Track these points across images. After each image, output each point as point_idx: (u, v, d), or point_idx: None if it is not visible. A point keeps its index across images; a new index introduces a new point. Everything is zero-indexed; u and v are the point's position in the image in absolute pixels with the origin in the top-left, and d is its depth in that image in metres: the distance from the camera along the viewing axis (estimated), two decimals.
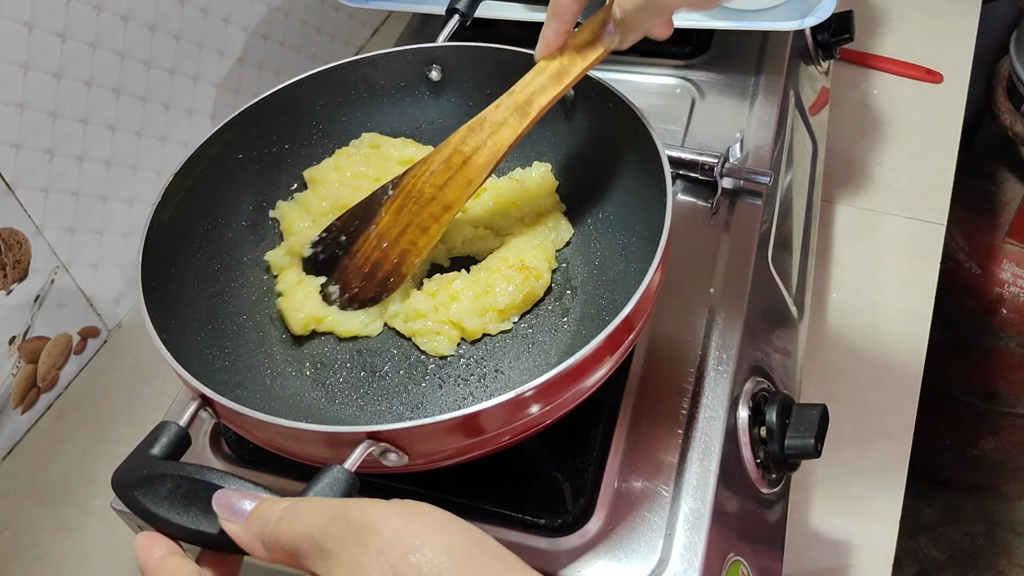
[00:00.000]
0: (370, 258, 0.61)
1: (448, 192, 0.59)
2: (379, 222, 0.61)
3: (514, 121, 0.57)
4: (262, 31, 0.96)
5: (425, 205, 0.60)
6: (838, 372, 0.83)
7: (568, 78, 0.56)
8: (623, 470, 0.56)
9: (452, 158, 0.59)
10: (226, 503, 0.40)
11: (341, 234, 0.62)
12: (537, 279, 0.61)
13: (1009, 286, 1.31)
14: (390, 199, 0.61)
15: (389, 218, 0.61)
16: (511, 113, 0.57)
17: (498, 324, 0.61)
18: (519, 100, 0.57)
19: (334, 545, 0.35)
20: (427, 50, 0.68)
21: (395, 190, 0.61)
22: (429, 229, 0.60)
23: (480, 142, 0.58)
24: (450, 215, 0.60)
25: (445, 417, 0.44)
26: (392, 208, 0.60)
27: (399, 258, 0.61)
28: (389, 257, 0.61)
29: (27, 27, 0.70)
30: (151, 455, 0.45)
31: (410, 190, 0.60)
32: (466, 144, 0.58)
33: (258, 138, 0.66)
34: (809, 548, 0.72)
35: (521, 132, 0.57)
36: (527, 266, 0.61)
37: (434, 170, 0.59)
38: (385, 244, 0.61)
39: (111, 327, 0.87)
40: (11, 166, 0.72)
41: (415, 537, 0.35)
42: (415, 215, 0.60)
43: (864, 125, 1.06)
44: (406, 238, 0.60)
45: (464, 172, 0.58)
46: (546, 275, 0.62)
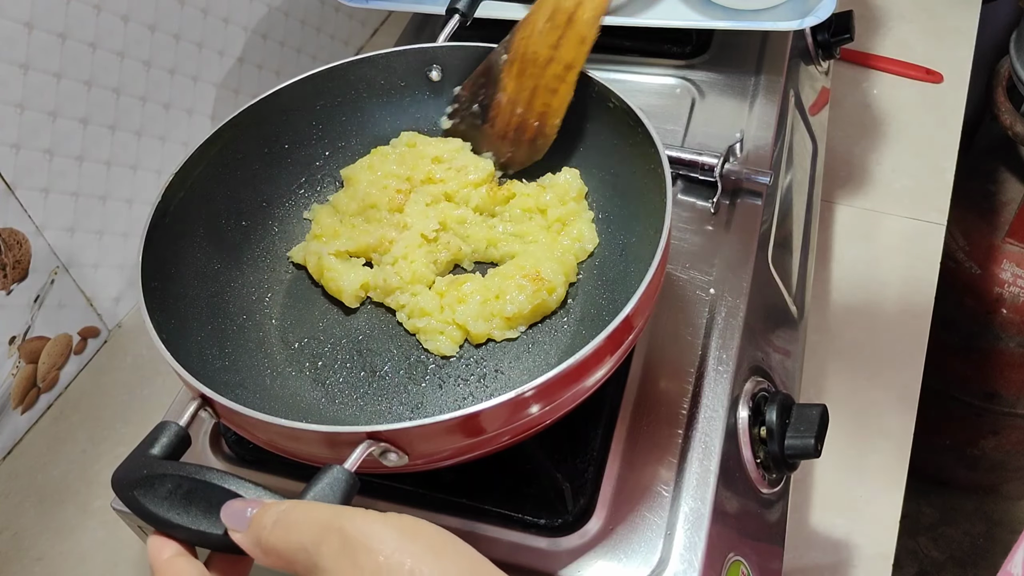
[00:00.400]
0: (511, 124, 0.62)
1: (564, 52, 0.59)
2: (505, 88, 0.61)
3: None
4: (262, 31, 0.96)
5: (545, 66, 0.60)
6: (838, 372, 0.83)
7: None
8: (623, 470, 0.56)
9: (555, 16, 0.59)
10: (231, 513, 0.40)
11: (472, 103, 0.63)
12: (550, 292, 0.60)
13: (1009, 286, 1.31)
14: (507, 64, 0.61)
15: (513, 83, 0.61)
16: None
17: (503, 331, 0.60)
18: None
19: (328, 563, 0.35)
20: (427, 50, 0.68)
21: (508, 54, 0.61)
22: (558, 90, 0.60)
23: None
24: (574, 74, 0.59)
25: (445, 417, 0.44)
26: (512, 73, 0.61)
27: (539, 120, 0.61)
28: (529, 121, 0.62)
29: (27, 27, 0.70)
30: (151, 455, 0.45)
31: (524, 52, 0.60)
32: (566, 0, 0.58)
33: (258, 138, 0.66)
34: (809, 548, 0.72)
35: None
36: (541, 277, 0.59)
37: (540, 29, 0.59)
38: (520, 109, 0.61)
39: (111, 327, 0.87)
40: (11, 166, 0.72)
41: (411, 560, 0.34)
42: (539, 78, 0.60)
43: (864, 125, 1.06)
44: (539, 100, 0.61)
45: (574, 29, 0.58)
46: (560, 289, 0.60)
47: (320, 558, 0.35)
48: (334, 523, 0.36)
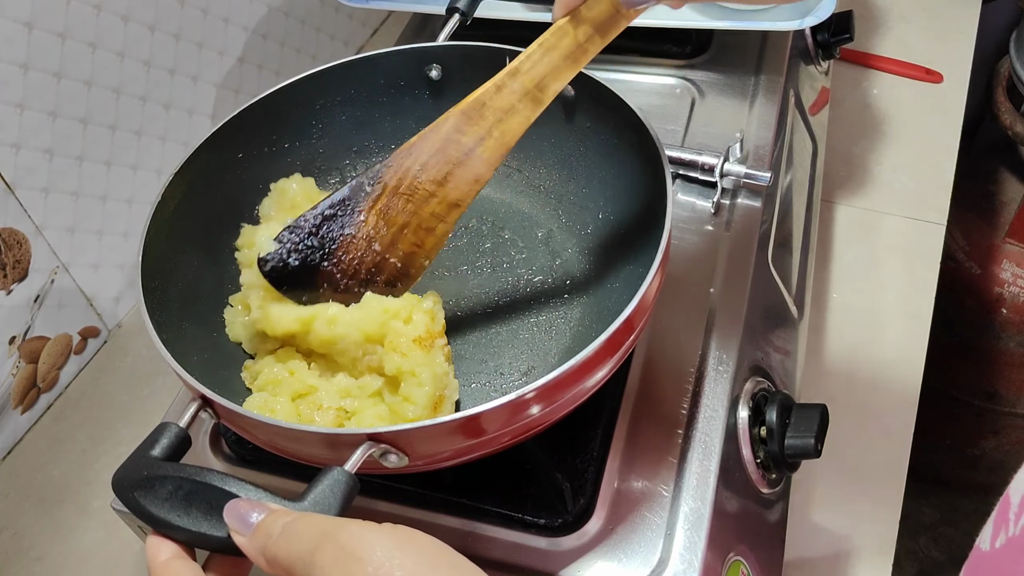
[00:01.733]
0: (364, 261, 0.54)
1: (451, 191, 0.52)
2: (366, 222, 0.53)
3: (524, 109, 0.49)
4: (262, 31, 0.96)
5: (423, 203, 0.52)
6: (838, 372, 0.83)
7: (586, 58, 0.48)
8: (623, 470, 0.56)
9: (448, 150, 0.51)
10: (236, 514, 0.40)
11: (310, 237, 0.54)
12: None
13: (1009, 286, 1.31)
14: (370, 196, 0.53)
15: (375, 219, 0.53)
16: (519, 99, 0.49)
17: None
18: (527, 84, 0.49)
19: (322, 573, 0.35)
20: (427, 49, 0.68)
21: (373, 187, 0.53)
22: (435, 229, 0.53)
23: (484, 132, 0.50)
24: (458, 214, 0.53)
25: (445, 419, 0.44)
26: (376, 208, 0.53)
27: (404, 261, 0.55)
28: (388, 260, 0.54)
29: (27, 27, 0.70)
30: (151, 456, 0.45)
31: (396, 187, 0.52)
32: (464, 135, 0.50)
33: (258, 138, 0.66)
34: (809, 548, 0.72)
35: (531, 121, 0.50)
36: None
37: (425, 163, 0.51)
38: (378, 247, 0.54)
39: (111, 327, 0.87)
40: (11, 166, 0.72)
41: (401, 571, 0.35)
42: (412, 215, 0.53)
43: (864, 125, 1.06)
44: (407, 240, 0.54)
45: (468, 167, 0.51)
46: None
47: (314, 568, 0.36)
48: (330, 533, 0.36)
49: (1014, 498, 0.39)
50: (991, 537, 0.40)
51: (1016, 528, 0.37)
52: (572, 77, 0.49)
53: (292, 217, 0.58)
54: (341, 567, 0.35)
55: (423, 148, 0.52)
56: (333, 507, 0.41)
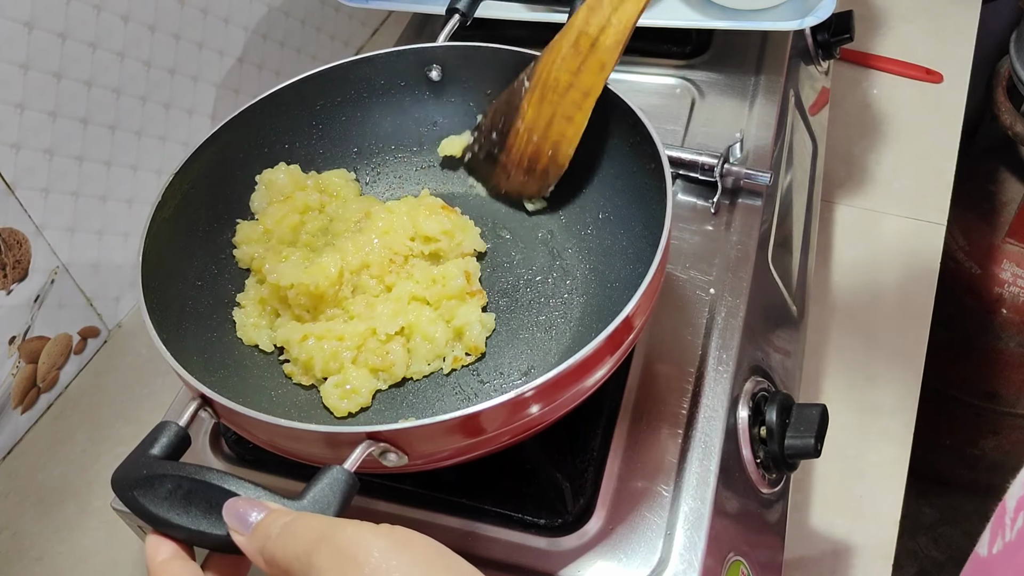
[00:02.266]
0: (526, 152, 0.62)
1: (584, 78, 0.58)
2: (524, 115, 0.61)
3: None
4: (262, 31, 0.96)
5: (564, 93, 0.59)
6: (838, 372, 0.83)
7: None
8: (623, 470, 0.56)
9: (579, 41, 0.57)
10: (235, 513, 0.40)
11: (491, 131, 0.63)
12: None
13: (1009, 286, 1.31)
14: (529, 91, 0.60)
15: (533, 111, 0.60)
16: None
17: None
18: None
19: (317, 575, 0.35)
20: (427, 50, 0.68)
21: (531, 81, 0.60)
22: (574, 118, 0.60)
23: (604, 20, 0.57)
24: (591, 101, 0.59)
25: (445, 417, 0.43)
26: (533, 100, 0.60)
27: (553, 149, 0.61)
28: (543, 150, 0.61)
29: (27, 27, 0.70)
30: (151, 455, 0.45)
31: (546, 79, 0.59)
32: (590, 25, 0.57)
33: (258, 138, 0.66)
34: (809, 548, 0.72)
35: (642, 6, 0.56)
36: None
37: (564, 55, 0.58)
38: (536, 137, 0.61)
39: (111, 327, 0.87)
40: (11, 166, 0.72)
41: (398, 573, 0.35)
42: (557, 105, 0.59)
43: (864, 125, 1.06)
44: (555, 129, 0.60)
45: (595, 55, 0.57)
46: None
47: (311, 569, 0.36)
48: (327, 534, 0.36)
49: (1009, 504, 0.39)
50: (988, 543, 0.40)
51: (1012, 534, 0.38)
52: None
53: (285, 207, 0.63)
54: (338, 568, 0.35)
55: (561, 43, 0.58)
56: (332, 506, 0.41)
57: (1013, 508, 0.38)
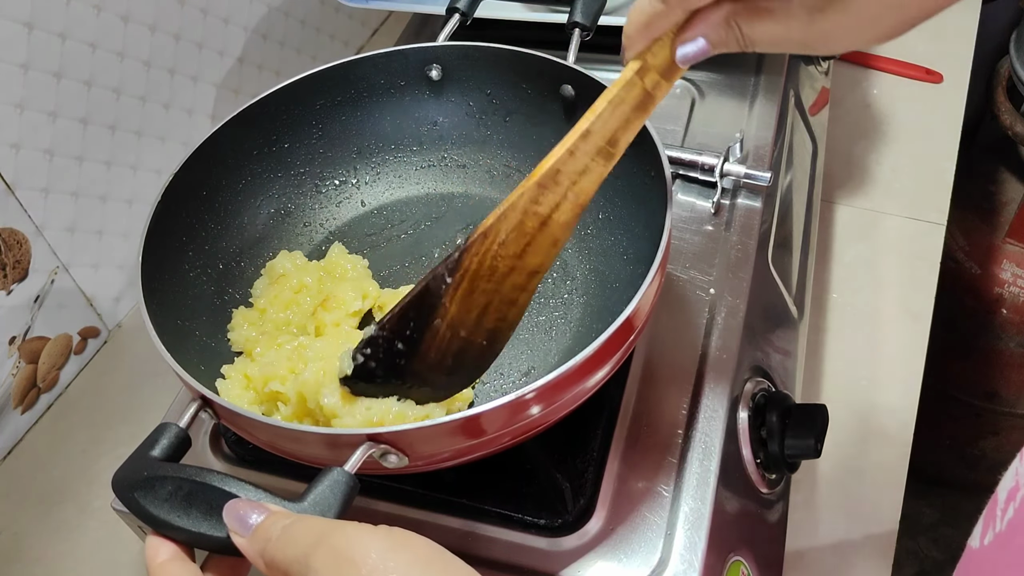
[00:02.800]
0: (450, 350, 0.52)
1: (530, 258, 0.50)
2: (444, 315, 0.51)
3: (598, 166, 0.48)
4: (262, 31, 0.96)
5: (504, 279, 0.50)
6: (838, 372, 0.83)
7: (653, 105, 0.47)
8: (623, 470, 0.56)
9: (525, 223, 0.49)
10: (235, 515, 0.40)
11: (395, 341, 0.52)
12: None
13: (1009, 286, 1.31)
14: (451, 287, 0.50)
15: (457, 307, 0.51)
16: (592, 157, 0.48)
17: None
18: (600, 141, 0.47)
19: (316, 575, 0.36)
20: (427, 49, 0.68)
21: (454, 276, 0.50)
22: (518, 301, 0.51)
23: (559, 198, 0.48)
24: (538, 279, 0.51)
25: (445, 419, 0.44)
26: (459, 296, 0.51)
27: (488, 339, 0.52)
28: (475, 342, 0.52)
29: (27, 27, 0.70)
30: (151, 457, 0.45)
31: (476, 270, 0.50)
32: (540, 204, 0.48)
33: (258, 138, 0.66)
34: (809, 548, 0.72)
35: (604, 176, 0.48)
36: None
37: (503, 240, 0.49)
38: (463, 332, 0.52)
39: (111, 327, 0.87)
40: (11, 166, 0.72)
41: (394, 574, 0.35)
42: (493, 294, 0.51)
43: (864, 125, 1.06)
44: (490, 317, 0.52)
45: (547, 233, 0.49)
46: None
47: (310, 571, 0.36)
48: (326, 535, 0.37)
49: (1000, 495, 0.39)
50: (980, 535, 0.40)
51: (1002, 524, 0.38)
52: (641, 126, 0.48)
53: (285, 292, 0.59)
54: (336, 569, 0.35)
55: (500, 227, 0.50)
56: (333, 507, 0.41)
57: (1004, 499, 0.38)
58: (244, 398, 0.56)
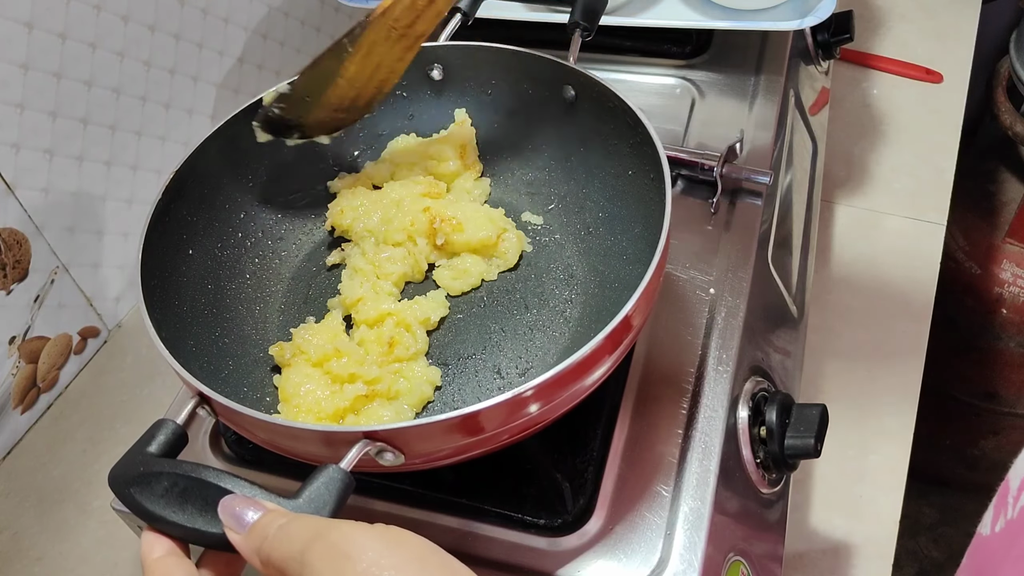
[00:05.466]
0: (345, 97, 0.63)
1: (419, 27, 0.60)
2: (345, 73, 0.61)
3: None
4: (262, 31, 0.96)
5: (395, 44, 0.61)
6: (838, 372, 0.83)
7: None
8: (623, 470, 0.56)
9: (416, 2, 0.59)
10: (231, 511, 0.40)
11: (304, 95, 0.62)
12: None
13: (1009, 286, 1.31)
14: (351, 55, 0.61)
15: (355, 67, 0.61)
16: None
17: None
18: None
19: (311, 573, 0.36)
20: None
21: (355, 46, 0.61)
22: (404, 58, 0.62)
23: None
24: (421, 41, 0.62)
25: (443, 417, 0.43)
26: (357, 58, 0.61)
27: (379, 87, 0.63)
28: (367, 91, 0.63)
29: (27, 27, 0.70)
30: (148, 453, 0.45)
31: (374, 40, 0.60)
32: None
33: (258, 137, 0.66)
34: (809, 548, 0.72)
35: None
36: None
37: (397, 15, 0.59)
38: (359, 84, 0.62)
39: (111, 327, 0.87)
40: (11, 166, 0.72)
41: (391, 571, 0.35)
42: (385, 55, 0.61)
43: (864, 125, 1.06)
44: (382, 71, 0.62)
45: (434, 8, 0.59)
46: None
47: (306, 567, 0.36)
48: (322, 533, 0.37)
49: (1013, 483, 0.39)
50: (991, 521, 0.40)
51: (1014, 511, 0.38)
52: None
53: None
54: (331, 566, 0.35)
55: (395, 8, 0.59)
56: (328, 505, 0.41)
57: (1017, 487, 0.38)
58: None
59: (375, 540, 0.36)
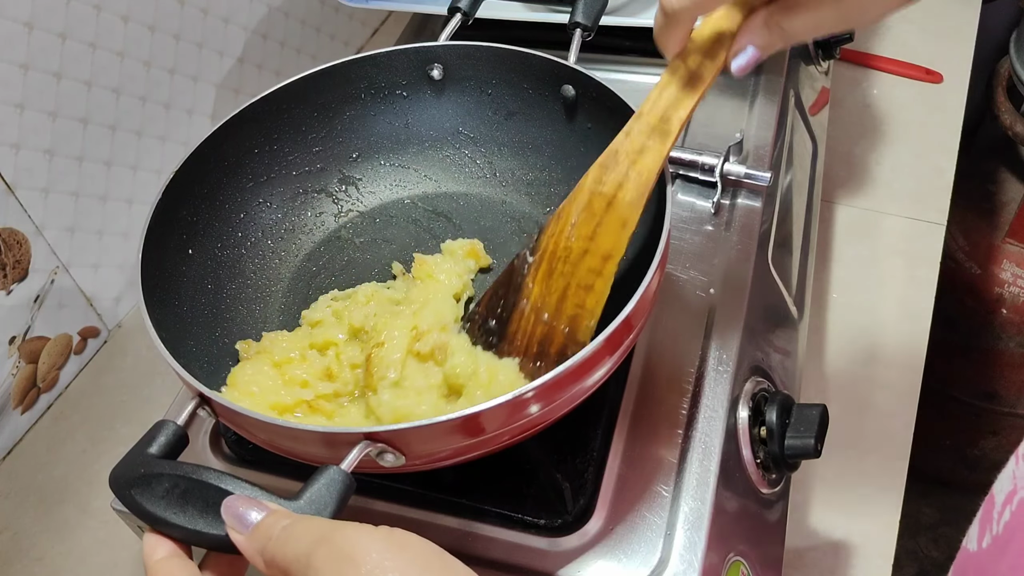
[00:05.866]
0: (534, 335, 0.54)
1: (602, 241, 0.52)
2: (529, 295, 0.53)
3: (654, 144, 0.50)
4: (262, 31, 0.96)
5: (579, 262, 0.52)
6: (838, 372, 0.83)
7: (703, 84, 0.50)
8: (623, 470, 0.56)
9: (593, 203, 0.52)
10: (234, 512, 0.40)
11: (488, 318, 0.55)
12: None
13: (1009, 286, 1.31)
14: (533, 267, 0.53)
15: (540, 287, 0.53)
16: (648, 136, 0.50)
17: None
18: (652, 120, 0.51)
19: (315, 575, 0.36)
20: (429, 49, 0.68)
21: (535, 256, 0.53)
22: (594, 286, 0.52)
23: (621, 177, 0.51)
24: (613, 264, 0.52)
25: (443, 418, 0.43)
26: (539, 276, 0.53)
27: (570, 326, 0.53)
28: (558, 328, 0.53)
29: (27, 27, 0.70)
30: (148, 454, 0.45)
31: (554, 250, 0.53)
32: (604, 184, 0.51)
33: (258, 137, 0.66)
34: (809, 548, 0.72)
35: (665, 154, 0.50)
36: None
37: (575, 222, 0.52)
38: (546, 315, 0.53)
39: (111, 327, 0.87)
40: (11, 166, 0.72)
41: (393, 573, 0.35)
42: (571, 276, 0.53)
43: (864, 125, 1.06)
44: (570, 303, 0.53)
45: (614, 214, 0.51)
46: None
47: (310, 569, 0.36)
48: (326, 535, 0.37)
49: (998, 498, 0.39)
50: (977, 537, 0.40)
51: (999, 527, 0.38)
52: (693, 105, 0.50)
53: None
54: (335, 568, 0.35)
55: (571, 209, 0.53)
56: (329, 506, 0.41)
57: (1001, 502, 0.38)
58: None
59: (379, 543, 0.36)
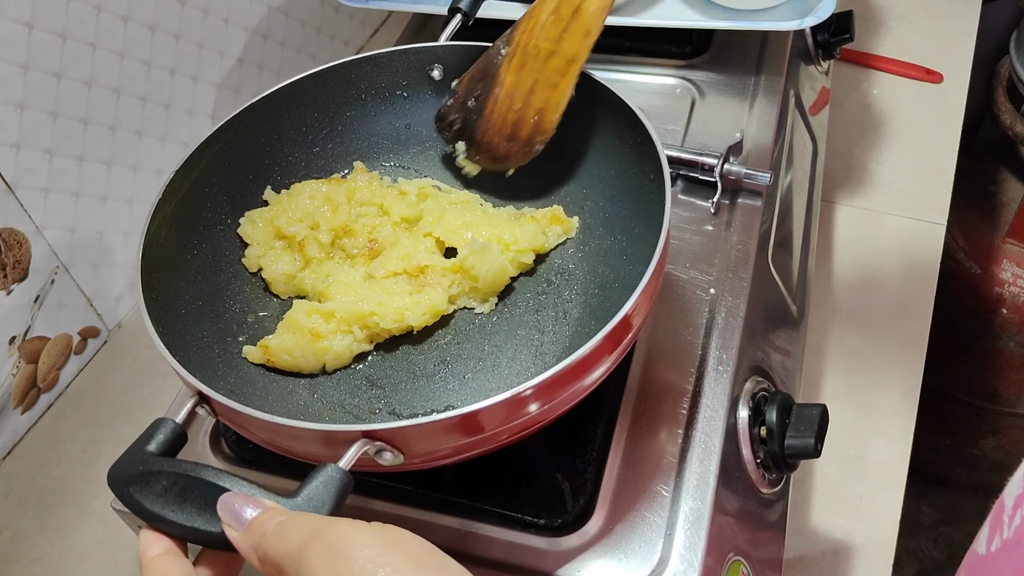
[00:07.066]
0: (507, 119, 0.61)
1: (567, 45, 0.58)
2: (503, 82, 0.60)
3: None
4: (262, 31, 0.96)
5: (547, 60, 0.59)
6: (838, 372, 0.83)
7: None
8: (623, 470, 0.56)
9: (560, 8, 0.58)
10: (230, 508, 0.40)
11: (468, 98, 0.62)
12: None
13: (1009, 286, 1.31)
14: (507, 58, 0.60)
15: (512, 77, 0.60)
16: None
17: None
18: None
19: (309, 569, 0.36)
20: (429, 49, 0.68)
21: (509, 47, 0.60)
22: (559, 85, 0.59)
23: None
24: (576, 67, 0.59)
25: (442, 416, 0.43)
26: (512, 67, 0.60)
27: (538, 116, 0.61)
28: (526, 117, 0.61)
29: (27, 27, 0.70)
30: (147, 452, 0.45)
31: (525, 45, 0.59)
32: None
33: (258, 137, 0.66)
34: (809, 548, 0.72)
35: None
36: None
37: (544, 22, 0.58)
38: (517, 104, 0.60)
39: (111, 327, 0.87)
40: (11, 166, 0.72)
41: (387, 569, 0.35)
42: (539, 72, 0.59)
43: (864, 125, 1.06)
44: (538, 95, 0.60)
45: (579, 22, 0.57)
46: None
47: (303, 565, 0.36)
48: (319, 531, 0.37)
49: (1008, 501, 0.39)
50: (987, 541, 0.40)
51: (1010, 531, 0.38)
52: None
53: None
54: (328, 564, 0.35)
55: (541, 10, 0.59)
56: (326, 504, 0.41)
57: (1011, 505, 0.38)
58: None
59: (371, 539, 0.36)
